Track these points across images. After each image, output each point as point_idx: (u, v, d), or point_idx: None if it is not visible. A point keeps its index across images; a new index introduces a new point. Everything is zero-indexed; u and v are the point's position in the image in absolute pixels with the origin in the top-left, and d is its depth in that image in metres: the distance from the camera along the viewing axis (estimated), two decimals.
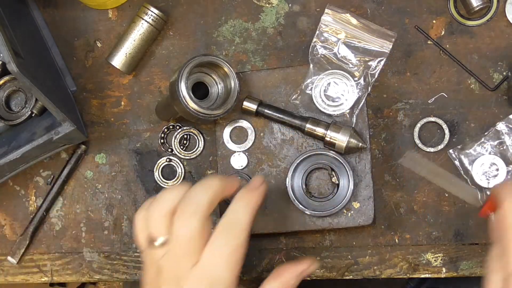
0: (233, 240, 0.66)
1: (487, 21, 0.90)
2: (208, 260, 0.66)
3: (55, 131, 0.82)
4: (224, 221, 0.67)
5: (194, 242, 0.66)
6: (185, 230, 0.66)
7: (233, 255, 0.66)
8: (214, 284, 0.65)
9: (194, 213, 0.66)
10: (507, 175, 0.87)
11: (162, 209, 0.68)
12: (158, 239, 0.68)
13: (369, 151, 0.84)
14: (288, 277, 0.70)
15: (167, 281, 0.68)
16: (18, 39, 0.84)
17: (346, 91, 0.84)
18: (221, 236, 0.66)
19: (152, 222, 0.68)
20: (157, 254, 0.68)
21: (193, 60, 0.79)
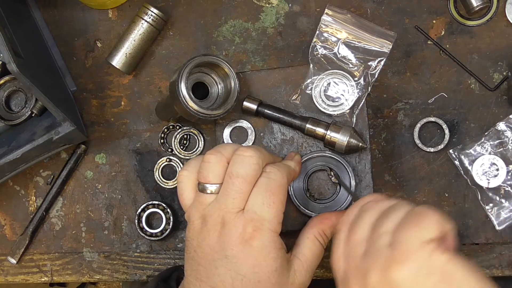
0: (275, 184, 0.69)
1: (487, 21, 0.90)
2: (254, 204, 0.68)
3: (55, 131, 0.82)
4: (268, 170, 0.71)
5: (246, 186, 0.69)
6: (241, 171, 0.69)
7: (276, 197, 0.69)
8: (260, 227, 0.68)
9: (249, 161, 0.69)
10: (507, 175, 0.87)
11: (220, 157, 0.71)
12: (212, 185, 0.71)
13: (369, 151, 0.84)
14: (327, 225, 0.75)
15: (213, 228, 0.69)
16: (18, 39, 0.84)
17: (346, 91, 0.84)
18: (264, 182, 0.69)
19: (209, 167, 0.71)
20: (205, 202, 0.71)
21: (193, 60, 0.79)
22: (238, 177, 0.69)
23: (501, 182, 0.87)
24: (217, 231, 0.69)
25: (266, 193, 0.69)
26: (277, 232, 0.69)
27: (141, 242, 0.94)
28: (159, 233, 0.92)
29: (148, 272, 0.94)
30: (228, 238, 0.68)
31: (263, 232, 0.68)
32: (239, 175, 0.69)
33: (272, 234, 0.69)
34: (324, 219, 0.76)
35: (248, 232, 0.68)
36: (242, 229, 0.68)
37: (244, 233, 0.68)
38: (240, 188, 0.69)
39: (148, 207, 0.93)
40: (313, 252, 0.74)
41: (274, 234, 0.69)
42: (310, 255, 0.74)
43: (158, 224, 0.93)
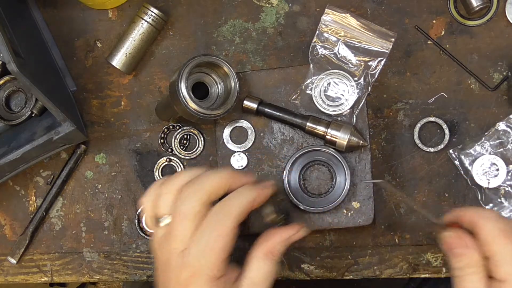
0: (220, 229, 0.65)
1: (487, 21, 0.90)
2: (193, 247, 0.65)
3: (55, 131, 0.82)
4: (215, 209, 0.66)
5: (189, 226, 0.65)
6: (184, 208, 0.66)
7: (219, 243, 0.65)
8: (197, 273, 0.64)
9: (194, 196, 0.66)
10: (507, 175, 0.87)
11: (171, 188, 0.68)
12: (163, 217, 0.68)
13: (369, 151, 0.84)
14: (275, 242, 0.69)
15: (160, 266, 0.68)
16: (18, 39, 0.84)
17: (346, 91, 0.84)
18: (209, 224, 0.65)
19: (160, 201, 0.69)
20: (157, 235, 0.69)
21: (193, 60, 0.79)
22: (181, 215, 0.66)
23: (501, 182, 0.87)
24: (163, 270, 0.68)
25: (210, 237, 0.65)
26: (216, 277, 0.65)
27: (141, 242, 0.94)
28: None
29: (148, 272, 0.94)
30: (169, 280, 0.67)
31: (201, 279, 0.65)
32: (181, 213, 0.66)
33: (209, 281, 0.65)
34: (270, 237, 0.70)
35: (184, 278, 0.65)
36: (179, 274, 0.65)
37: (180, 278, 0.65)
38: (183, 228, 0.65)
39: None
40: (264, 273, 0.68)
41: (212, 280, 0.65)
42: (261, 276, 0.68)
43: None
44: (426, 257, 0.90)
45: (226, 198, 0.67)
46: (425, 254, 0.90)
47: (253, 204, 0.68)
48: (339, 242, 0.91)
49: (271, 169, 0.86)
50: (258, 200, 0.69)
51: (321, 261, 0.92)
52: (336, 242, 0.91)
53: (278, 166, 0.86)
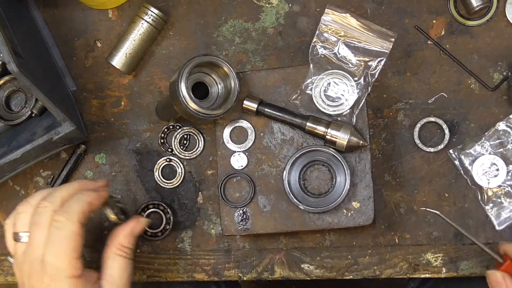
0: (65, 232, 0.71)
1: (487, 21, 0.90)
2: (47, 253, 0.71)
3: (55, 131, 0.82)
4: (57, 216, 0.72)
5: (43, 233, 0.71)
6: (37, 219, 0.72)
7: (67, 245, 0.71)
8: (56, 276, 0.70)
9: (45, 208, 0.72)
10: (507, 175, 0.87)
11: (26, 206, 0.75)
12: (21, 235, 0.74)
13: (369, 151, 0.84)
14: (122, 238, 0.78)
15: (24, 280, 0.73)
16: (18, 39, 0.84)
17: (346, 91, 0.84)
18: (55, 229, 0.71)
19: (17, 220, 0.75)
20: (18, 252, 0.74)
21: (193, 60, 0.79)
22: (35, 226, 0.72)
23: (501, 182, 0.88)
24: (27, 281, 0.73)
25: (58, 241, 0.71)
26: (75, 276, 0.71)
27: (141, 242, 0.94)
28: (159, 233, 0.92)
29: (148, 272, 0.94)
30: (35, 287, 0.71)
31: (61, 281, 0.70)
32: (35, 224, 0.72)
33: (70, 280, 0.71)
34: (116, 234, 0.78)
35: (46, 284, 0.70)
36: (42, 281, 0.70)
37: (43, 285, 0.70)
38: (39, 237, 0.71)
39: (148, 207, 0.93)
40: (119, 268, 0.76)
41: (72, 278, 0.71)
42: (117, 272, 0.76)
43: (158, 224, 0.93)
44: (426, 257, 0.90)
45: (65, 205, 0.73)
46: (425, 254, 0.90)
47: (91, 205, 0.75)
48: (339, 242, 0.91)
49: (271, 169, 0.86)
50: (95, 202, 0.76)
51: (321, 261, 0.92)
52: (336, 242, 0.91)
53: (278, 166, 0.86)
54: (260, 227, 0.86)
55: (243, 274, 0.93)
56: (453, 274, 0.90)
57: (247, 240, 0.93)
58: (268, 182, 0.86)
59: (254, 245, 0.93)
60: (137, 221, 0.80)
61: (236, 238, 0.93)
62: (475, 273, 0.89)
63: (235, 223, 0.86)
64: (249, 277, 0.93)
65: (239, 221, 0.86)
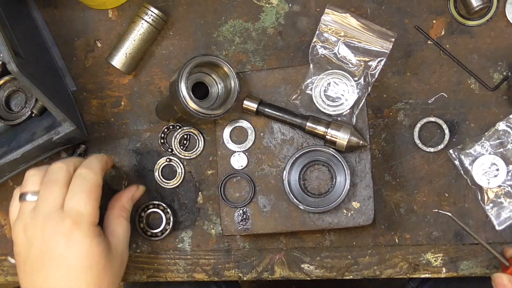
0: (90, 182, 0.77)
1: (487, 21, 0.90)
2: (70, 201, 0.76)
3: (55, 131, 0.82)
4: (80, 169, 0.79)
5: (58, 189, 0.76)
6: (51, 176, 0.77)
7: (90, 194, 0.76)
8: (78, 220, 0.75)
9: (60, 167, 0.78)
10: (507, 175, 0.87)
11: (38, 170, 0.80)
12: (28, 195, 0.78)
13: (369, 151, 0.84)
14: (124, 201, 0.85)
15: (36, 232, 0.76)
16: (18, 39, 0.84)
17: (346, 91, 0.84)
18: (80, 180, 0.77)
19: (27, 181, 0.79)
20: (26, 210, 0.77)
21: (193, 60, 0.79)
22: (50, 182, 0.77)
23: (501, 182, 0.88)
24: (40, 233, 0.75)
25: (81, 192, 0.76)
26: (95, 223, 0.77)
27: (141, 242, 0.94)
28: (159, 233, 0.92)
29: (148, 272, 0.94)
30: (51, 236, 0.75)
31: (82, 224, 0.75)
32: (50, 180, 0.77)
33: (90, 225, 0.76)
34: (120, 197, 0.86)
35: (68, 227, 0.74)
36: (62, 225, 0.74)
37: (64, 228, 0.74)
38: (54, 190, 0.76)
39: (148, 207, 0.93)
40: (122, 227, 0.83)
41: (92, 225, 0.76)
42: (120, 230, 0.83)
43: (158, 224, 0.93)
44: (426, 257, 0.90)
45: (85, 162, 0.80)
46: (425, 254, 0.90)
47: (106, 164, 0.82)
48: (339, 242, 0.91)
49: (271, 169, 0.86)
50: (108, 161, 0.83)
51: (321, 261, 0.92)
52: (336, 242, 0.91)
53: (278, 166, 0.86)
54: (260, 227, 0.86)
55: (243, 274, 0.93)
56: (453, 274, 0.90)
57: (247, 240, 0.93)
58: (268, 182, 0.86)
59: (254, 245, 0.93)
60: (137, 187, 0.88)
61: (236, 238, 0.93)
62: (475, 273, 0.89)
63: (235, 223, 0.86)
64: (249, 277, 0.93)
65: (239, 221, 0.86)
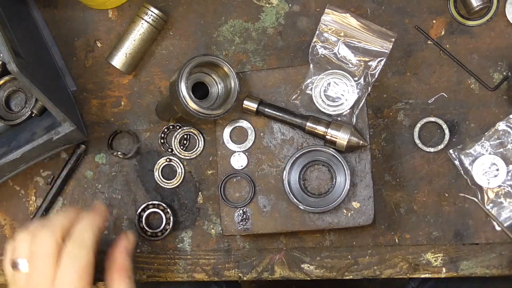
0: (80, 262, 0.70)
1: (487, 21, 0.90)
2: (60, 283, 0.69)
3: (55, 131, 0.82)
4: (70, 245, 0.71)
5: (48, 265, 0.70)
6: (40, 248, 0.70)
7: (82, 275, 0.70)
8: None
9: (48, 237, 0.71)
10: (507, 175, 0.87)
11: (24, 234, 0.73)
12: (20, 261, 0.71)
13: (369, 151, 0.84)
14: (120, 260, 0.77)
15: None
16: (18, 39, 0.84)
17: (346, 91, 0.84)
18: (69, 260, 0.70)
19: (16, 247, 0.73)
20: (18, 280, 0.72)
21: (193, 60, 0.79)
22: (39, 255, 0.70)
23: (501, 182, 0.88)
24: None
25: (72, 274, 0.69)
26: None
27: (141, 242, 0.94)
28: (159, 233, 0.92)
29: (148, 272, 0.94)
30: None
31: None
32: (38, 253, 0.70)
33: None
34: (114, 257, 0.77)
35: None
36: None
37: None
38: (44, 267, 0.70)
39: (148, 207, 0.93)
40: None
41: None
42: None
43: (158, 224, 0.93)
44: (426, 257, 0.90)
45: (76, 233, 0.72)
46: (425, 254, 0.90)
47: (99, 230, 0.74)
48: (339, 242, 0.91)
49: (271, 169, 0.86)
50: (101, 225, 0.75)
51: (321, 261, 0.92)
52: (336, 242, 0.91)
53: (278, 166, 0.86)
54: (260, 227, 0.86)
55: (243, 274, 0.93)
56: (453, 274, 0.90)
57: (247, 240, 0.93)
58: (268, 182, 0.86)
59: (254, 245, 0.93)
60: (125, 236, 0.80)
61: (236, 238, 0.93)
62: (475, 273, 0.89)
63: (235, 223, 0.86)
64: (249, 277, 0.93)
65: (239, 221, 0.86)
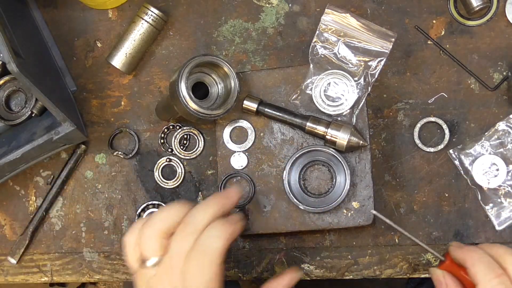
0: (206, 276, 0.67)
1: (487, 21, 0.90)
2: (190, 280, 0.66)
3: (55, 131, 0.82)
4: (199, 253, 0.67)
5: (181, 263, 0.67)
6: (180, 250, 0.67)
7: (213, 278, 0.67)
8: None
9: (191, 233, 0.68)
10: (507, 175, 0.87)
11: (156, 229, 0.69)
12: (150, 259, 0.69)
13: (369, 151, 0.84)
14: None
15: None
16: (18, 39, 0.84)
17: (346, 91, 0.84)
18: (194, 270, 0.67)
19: (146, 242, 0.69)
20: (148, 274, 0.69)
21: (193, 60, 0.79)
22: (178, 256, 0.68)
23: (501, 182, 0.87)
24: None
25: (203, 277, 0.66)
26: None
27: None
28: None
29: None
30: None
31: None
32: (178, 254, 0.68)
33: None
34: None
35: None
36: None
37: None
38: (181, 268, 0.67)
39: (148, 207, 0.93)
40: None
41: None
42: None
43: None
44: (426, 257, 0.90)
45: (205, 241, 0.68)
46: (425, 254, 0.90)
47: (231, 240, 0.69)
48: (339, 242, 0.91)
49: (271, 169, 0.86)
50: (234, 235, 0.70)
51: (321, 261, 0.92)
52: (336, 242, 0.91)
53: (278, 166, 0.86)
54: (260, 227, 0.86)
55: (243, 274, 0.93)
56: None
57: (247, 240, 0.93)
58: (268, 182, 0.86)
59: (254, 245, 0.93)
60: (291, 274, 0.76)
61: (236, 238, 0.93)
62: None
63: None
64: (249, 277, 0.93)
65: None
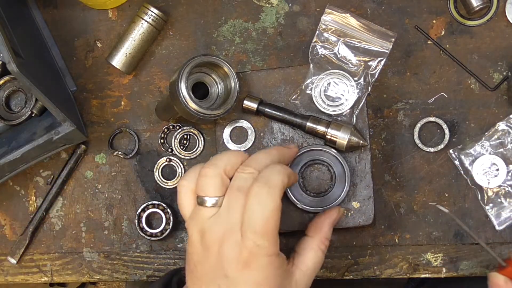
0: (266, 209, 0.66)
1: (487, 21, 0.90)
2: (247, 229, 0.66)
3: (55, 131, 0.82)
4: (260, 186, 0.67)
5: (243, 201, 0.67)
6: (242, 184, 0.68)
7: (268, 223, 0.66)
8: (255, 253, 0.66)
9: (253, 172, 0.68)
10: (507, 175, 0.87)
11: (219, 167, 0.69)
12: (209, 200, 0.68)
13: (369, 151, 0.84)
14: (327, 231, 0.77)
15: (212, 245, 0.67)
16: (18, 39, 0.84)
17: (346, 91, 0.84)
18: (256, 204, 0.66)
19: (206, 181, 0.69)
20: (204, 216, 0.68)
21: (193, 60, 0.79)
22: (240, 189, 0.67)
23: (501, 182, 0.88)
24: (216, 249, 0.67)
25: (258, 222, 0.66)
26: (274, 254, 0.67)
27: (141, 242, 0.94)
28: (159, 233, 0.92)
29: (148, 272, 0.94)
30: (227, 258, 0.67)
31: (260, 257, 0.66)
32: (239, 191, 0.67)
33: (269, 257, 0.67)
34: (321, 226, 0.77)
35: (244, 256, 0.66)
36: (239, 253, 0.66)
37: (241, 257, 0.66)
38: (241, 202, 0.67)
39: (148, 207, 0.93)
40: (315, 262, 0.74)
41: (271, 257, 0.67)
42: (312, 264, 0.74)
43: (158, 224, 0.93)
44: (426, 257, 0.90)
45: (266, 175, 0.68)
46: (425, 254, 0.90)
47: (289, 181, 0.69)
48: (339, 242, 0.91)
49: None
50: (292, 179, 0.70)
51: None
52: (336, 242, 0.91)
53: None
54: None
55: None
56: (453, 274, 0.90)
57: None
58: None
59: None
60: (339, 212, 0.80)
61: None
62: (475, 273, 0.89)
63: None
64: None
65: None
